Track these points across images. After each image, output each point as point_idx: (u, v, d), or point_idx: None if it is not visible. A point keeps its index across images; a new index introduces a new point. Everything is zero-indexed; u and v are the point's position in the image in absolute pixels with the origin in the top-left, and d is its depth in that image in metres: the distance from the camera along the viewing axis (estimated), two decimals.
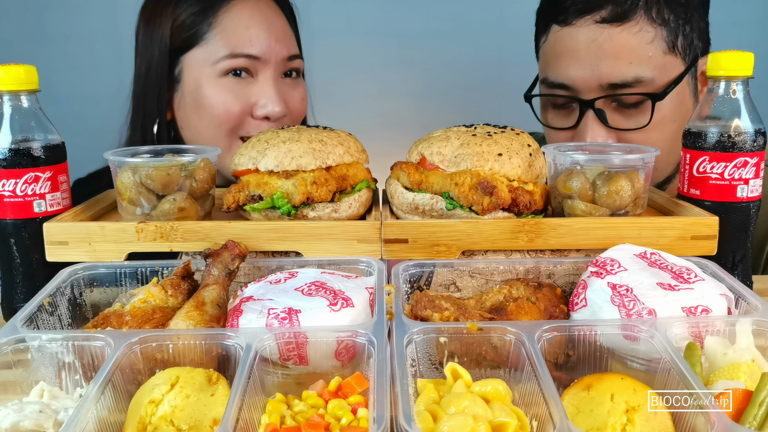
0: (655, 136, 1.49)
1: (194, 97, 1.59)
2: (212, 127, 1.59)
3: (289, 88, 1.65)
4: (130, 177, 1.15)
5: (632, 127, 1.49)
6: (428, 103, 2.83)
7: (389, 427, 0.70)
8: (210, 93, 1.57)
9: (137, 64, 1.66)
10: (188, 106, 1.61)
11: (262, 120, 1.59)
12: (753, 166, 1.16)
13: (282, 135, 1.19)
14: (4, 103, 1.14)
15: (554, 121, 1.60)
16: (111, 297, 1.09)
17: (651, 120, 1.47)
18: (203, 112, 1.59)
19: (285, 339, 0.87)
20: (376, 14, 2.76)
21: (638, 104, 1.49)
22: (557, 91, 1.55)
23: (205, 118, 1.59)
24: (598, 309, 0.93)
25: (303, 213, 1.15)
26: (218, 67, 1.56)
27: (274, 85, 1.59)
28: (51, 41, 2.69)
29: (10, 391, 0.90)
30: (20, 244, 1.15)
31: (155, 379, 0.82)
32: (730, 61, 1.15)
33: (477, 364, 0.90)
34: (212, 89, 1.57)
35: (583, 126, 1.51)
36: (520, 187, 1.13)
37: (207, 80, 1.57)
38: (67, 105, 2.31)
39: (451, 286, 1.10)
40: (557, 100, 1.57)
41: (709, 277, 0.99)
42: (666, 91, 1.47)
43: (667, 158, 1.51)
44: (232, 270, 1.03)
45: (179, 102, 1.63)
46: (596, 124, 1.50)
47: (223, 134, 1.59)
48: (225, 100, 1.56)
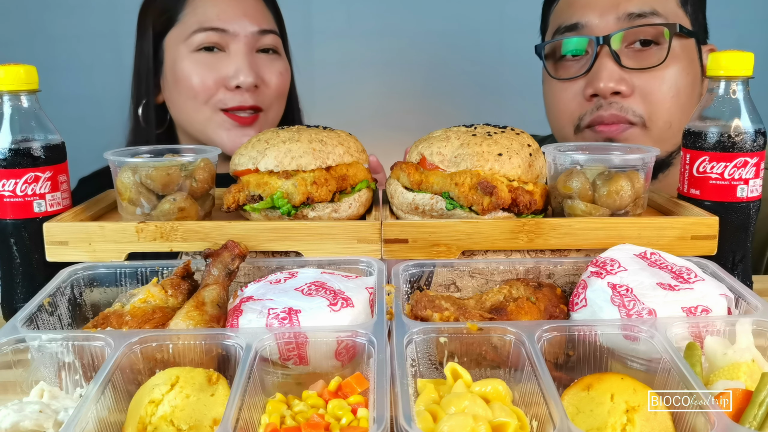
0: (668, 84, 1.47)
1: (172, 74, 1.68)
2: (189, 99, 1.66)
3: (264, 62, 1.70)
4: (130, 177, 1.15)
5: (647, 66, 1.45)
6: (428, 103, 2.82)
7: (389, 427, 0.70)
8: (184, 67, 1.65)
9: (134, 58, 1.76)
10: (169, 85, 1.70)
11: (235, 90, 1.65)
12: (753, 166, 1.16)
13: (282, 135, 1.19)
14: (4, 103, 1.14)
15: (563, 72, 1.55)
16: (111, 297, 1.09)
17: (667, 55, 1.44)
18: (180, 87, 1.67)
19: (285, 339, 0.87)
20: (376, 14, 2.76)
21: (652, 44, 1.46)
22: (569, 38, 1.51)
23: (183, 93, 1.67)
24: (598, 309, 0.93)
25: (303, 213, 1.15)
26: (190, 43, 1.64)
27: (245, 58, 1.65)
28: (51, 41, 2.68)
29: (10, 391, 0.90)
30: (20, 244, 1.15)
31: (155, 379, 0.82)
32: (730, 61, 1.15)
33: (477, 364, 0.90)
34: (185, 63, 1.65)
35: (597, 68, 1.47)
36: (520, 187, 1.13)
37: (181, 56, 1.65)
38: (67, 105, 2.31)
39: (451, 286, 1.10)
40: (568, 45, 1.52)
41: (709, 277, 0.99)
42: (682, 28, 1.45)
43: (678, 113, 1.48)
44: (232, 270, 1.03)
45: (164, 82, 1.72)
46: (610, 62, 1.45)
47: (199, 106, 1.66)
48: (198, 72, 1.64)
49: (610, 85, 1.45)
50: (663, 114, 1.48)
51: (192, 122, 1.70)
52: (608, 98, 1.47)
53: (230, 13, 1.64)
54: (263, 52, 1.70)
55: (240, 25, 1.64)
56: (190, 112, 1.68)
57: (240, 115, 1.67)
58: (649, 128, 1.49)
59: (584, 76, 1.50)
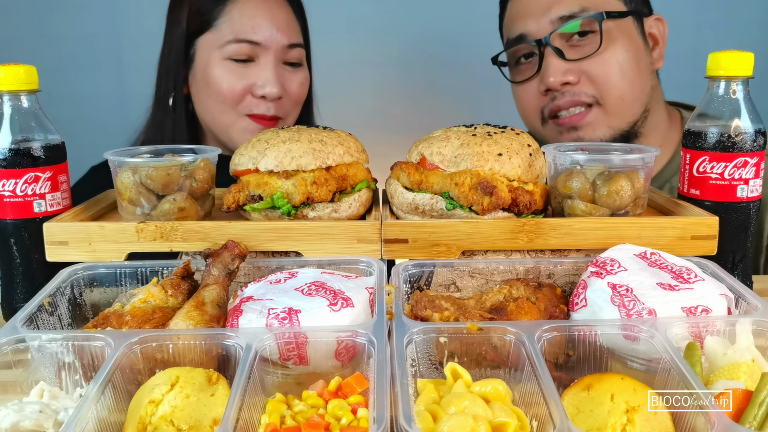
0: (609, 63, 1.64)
1: (203, 76, 1.77)
2: (217, 103, 1.77)
3: (288, 73, 1.80)
4: (130, 177, 1.15)
5: (587, 54, 1.63)
6: (428, 103, 2.82)
7: (389, 427, 0.70)
8: (216, 73, 1.75)
9: (162, 47, 1.83)
10: (199, 83, 1.79)
11: (261, 99, 1.75)
12: (753, 166, 1.16)
13: (282, 135, 1.19)
14: (4, 103, 1.14)
15: (519, 76, 1.77)
16: (111, 297, 1.09)
17: (601, 41, 1.61)
18: (210, 90, 1.77)
19: (285, 339, 0.87)
20: (376, 14, 2.75)
21: (588, 34, 1.64)
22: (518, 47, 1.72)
23: (212, 95, 1.77)
24: (598, 309, 0.93)
25: (303, 213, 1.15)
26: (224, 51, 1.74)
27: (274, 70, 1.75)
28: (51, 41, 2.68)
29: (10, 391, 0.90)
30: (20, 244, 1.15)
31: (155, 379, 0.82)
32: (730, 61, 1.15)
33: (477, 364, 0.90)
34: (218, 69, 1.74)
35: (544, 67, 1.66)
36: (520, 187, 1.13)
37: (214, 62, 1.75)
38: (67, 105, 2.31)
39: (451, 286, 1.10)
40: (519, 52, 1.74)
41: (709, 277, 0.99)
42: (609, 12, 1.62)
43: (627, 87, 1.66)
44: (232, 270, 1.03)
45: (192, 79, 1.81)
46: (555, 59, 1.64)
47: (227, 109, 1.76)
48: (228, 80, 1.74)
49: (558, 79, 1.64)
50: (612, 90, 1.65)
51: (217, 123, 1.80)
52: (560, 89, 1.66)
53: (264, 27, 1.74)
54: (288, 65, 1.80)
55: (273, 39, 1.74)
56: (216, 114, 1.78)
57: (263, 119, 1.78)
58: (603, 105, 1.66)
59: (537, 76, 1.69)
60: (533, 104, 1.73)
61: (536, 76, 1.69)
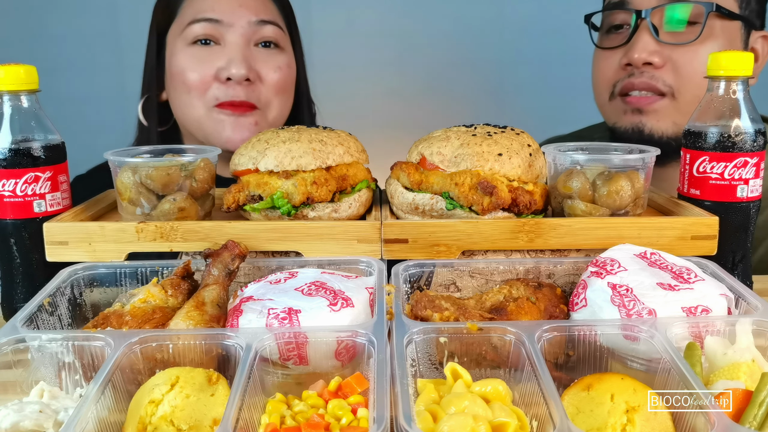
0: (700, 59, 1.52)
1: (169, 68, 1.65)
2: (183, 94, 1.62)
3: (262, 56, 1.64)
4: (130, 177, 1.15)
5: (681, 42, 1.54)
6: (428, 103, 2.82)
7: (389, 427, 0.70)
8: (178, 61, 1.62)
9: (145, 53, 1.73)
10: (167, 80, 1.67)
11: (227, 83, 1.59)
12: (753, 166, 1.16)
13: (282, 135, 1.19)
14: (4, 103, 1.14)
15: (608, 43, 1.66)
16: (111, 297, 1.09)
17: (701, 32, 1.51)
18: (175, 81, 1.63)
19: (285, 339, 0.87)
20: (376, 14, 2.76)
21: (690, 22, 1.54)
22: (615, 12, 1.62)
23: (178, 87, 1.63)
24: (598, 309, 0.93)
25: (303, 213, 1.15)
26: (186, 36, 1.61)
27: (240, 50, 1.60)
28: (51, 41, 2.68)
29: (10, 391, 0.90)
30: (20, 244, 1.15)
31: (155, 379, 0.82)
32: (730, 61, 1.15)
33: (477, 364, 0.90)
34: (180, 57, 1.62)
35: (634, 40, 1.57)
36: (520, 187, 1.13)
37: (177, 50, 1.62)
38: (67, 105, 2.30)
39: (451, 286, 1.10)
40: (614, 19, 1.63)
41: (709, 277, 0.99)
42: (720, 7, 1.52)
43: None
44: (232, 270, 1.03)
45: (166, 81, 1.69)
46: (647, 35, 1.55)
47: (194, 101, 1.62)
48: (190, 66, 1.60)
49: (643, 56, 1.55)
50: (691, 87, 1.55)
51: (189, 119, 1.65)
52: (640, 68, 1.57)
53: (226, 3, 1.59)
54: (264, 47, 1.64)
55: (236, 15, 1.60)
56: (185, 108, 1.63)
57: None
58: (677, 99, 1.57)
59: (623, 47, 1.60)
60: (608, 76, 1.65)
61: (622, 47, 1.60)
